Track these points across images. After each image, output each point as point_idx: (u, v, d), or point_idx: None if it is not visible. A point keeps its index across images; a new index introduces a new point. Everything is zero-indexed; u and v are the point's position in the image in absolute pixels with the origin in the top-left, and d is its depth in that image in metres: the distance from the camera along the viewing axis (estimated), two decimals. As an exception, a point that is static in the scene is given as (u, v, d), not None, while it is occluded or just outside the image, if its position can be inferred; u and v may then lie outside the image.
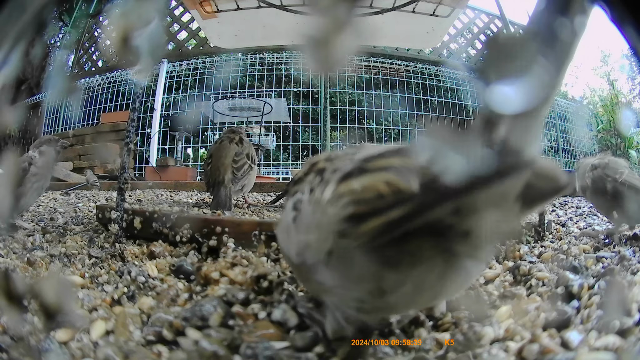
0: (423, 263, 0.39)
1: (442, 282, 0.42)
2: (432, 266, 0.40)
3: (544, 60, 0.34)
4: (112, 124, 5.67)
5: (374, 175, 0.38)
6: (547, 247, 1.07)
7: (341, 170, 0.43)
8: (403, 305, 0.47)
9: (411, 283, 0.40)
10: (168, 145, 5.60)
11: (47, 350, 0.49)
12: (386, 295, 0.42)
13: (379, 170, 0.39)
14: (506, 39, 0.40)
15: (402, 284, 0.40)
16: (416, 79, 6.08)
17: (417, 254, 0.39)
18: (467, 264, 0.41)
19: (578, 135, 6.91)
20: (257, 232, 0.95)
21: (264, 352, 0.48)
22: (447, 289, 0.45)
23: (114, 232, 1.08)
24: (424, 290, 0.42)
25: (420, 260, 0.39)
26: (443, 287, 0.43)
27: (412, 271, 0.40)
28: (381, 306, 0.45)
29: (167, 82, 5.85)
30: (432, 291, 0.43)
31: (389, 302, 0.43)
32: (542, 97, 0.34)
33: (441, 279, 0.41)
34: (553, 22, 0.34)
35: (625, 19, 0.37)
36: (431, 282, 0.41)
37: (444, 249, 0.38)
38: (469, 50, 6.26)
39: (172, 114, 5.76)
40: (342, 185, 0.41)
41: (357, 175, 0.40)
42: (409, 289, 0.41)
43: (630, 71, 9.00)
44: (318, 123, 5.02)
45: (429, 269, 0.40)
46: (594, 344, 0.50)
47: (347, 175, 0.41)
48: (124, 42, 0.54)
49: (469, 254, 0.39)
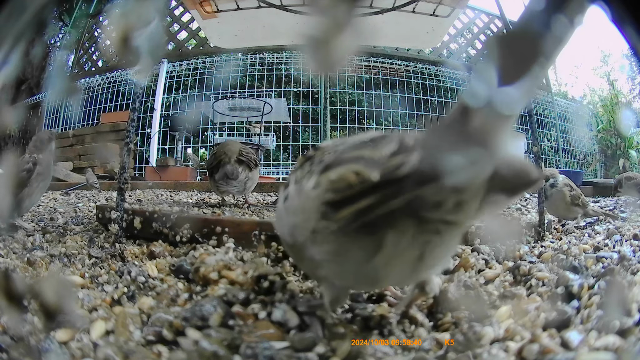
0: (396, 230, 0.42)
1: (419, 249, 0.44)
2: (405, 233, 0.42)
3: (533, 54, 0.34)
4: (112, 124, 5.67)
5: (347, 166, 0.43)
6: (547, 247, 1.07)
7: (324, 162, 0.48)
8: (389, 274, 0.48)
9: (389, 250, 0.43)
10: (168, 145, 5.60)
11: (47, 350, 0.49)
12: (370, 265, 0.45)
13: (351, 161, 0.43)
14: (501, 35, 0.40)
15: (381, 252, 0.44)
16: (416, 79, 6.08)
17: (390, 223, 0.41)
18: (442, 230, 0.43)
19: (578, 135, 6.91)
20: (257, 232, 0.95)
21: (264, 352, 0.48)
22: (427, 258, 0.46)
23: (114, 232, 1.08)
24: (403, 259, 0.45)
25: (393, 228, 0.42)
26: (422, 255, 0.45)
27: (387, 238, 0.42)
28: (368, 276, 0.48)
29: (167, 82, 5.86)
30: (411, 260, 0.45)
31: (374, 271, 0.46)
32: (524, 92, 0.35)
33: (417, 245, 0.43)
34: (547, 17, 0.34)
35: (625, 19, 0.37)
36: (408, 249, 0.44)
37: (417, 219, 0.41)
38: (469, 50, 6.27)
39: (172, 114, 5.77)
40: (323, 175, 0.46)
41: (335, 166, 0.45)
42: (388, 256, 0.44)
43: (630, 71, 9.00)
44: (318, 123, 5.02)
45: (402, 236, 0.42)
46: (594, 344, 0.50)
47: (328, 166, 0.46)
48: (124, 42, 0.54)
49: (441, 220, 0.41)
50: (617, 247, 1.04)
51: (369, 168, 0.40)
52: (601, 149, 6.99)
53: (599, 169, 6.86)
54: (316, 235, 0.47)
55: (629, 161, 6.40)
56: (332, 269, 0.50)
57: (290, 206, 0.53)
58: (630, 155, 6.47)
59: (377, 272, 0.47)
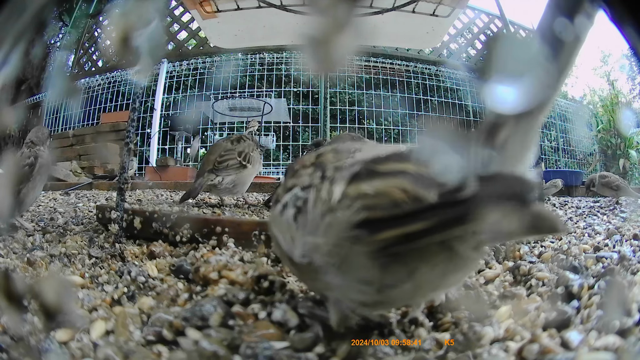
0: (427, 260, 0.40)
1: (443, 276, 0.42)
2: (435, 262, 0.40)
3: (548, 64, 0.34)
4: (112, 124, 5.67)
5: (387, 180, 0.37)
6: (547, 247, 1.06)
7: (348, 170, 0.42)
8: (406, 299, 0.47)
9: (415, 279, 0.41)
10: (168, 145, 5.60)
11: (47, 350, 0.49)
12: (390, 291, 0.42)
13: (392, 175, 0.38)
14: (511, 40, 0.40)
15: (406, 280, 0.41)
16: (416, 79, 6.08)
17: (423, 252, 0.39)
18: (467, 258, 0.42)
19: (578, 135, 6.91)
20: (257, 232, 0.95)
21: (264, 352, 0.48)
22: (448, 282, 0.45)
23: (114, 232, 1.08)
24: (426, 285, 0.43)
25: (426, 258, 0.39)
26: (443, 280, 0.44)
27: (417, 268, 0.40)
28: (384, 300, 0.45)
29: (167, 82, 5.86)
30: (433, 285, 0.44)
31: (393, 296, 0.43)
32: (544, 99, 0.35)
33: (443, 273, 0.42)
34: (560, 25, 0.34)
35: (625, 19, 0.37)
36: (433, 277, 0.42)
37: (448, 247, 0.39)
38: (469, 50, 6.26)
39: (172, 114, 5.76)
40: (351, 186, 0.40)
41: (368, 178, 0.39)
42: (412, 284, 0.41)
43: (630, 71, 9.00)
44: (318, 123, 5.02)
45: (432, 265, 0.40)
46: (594, 344, 0.49)
47: (356, 176, 0.40)
48: (124, 42, 0.54)
49: (471, 250, 0.40)
50: (617, 247, 1.04)
51: (420, 186, 0.35)
52: (601, 149, 6.99)
53: (599, 169, 6.85)
54: (341, 259, 0.41)
55: (629, 161, 6.40)
56: (345, 292, 0.45)
57: (307, 223, 0.45)
58: (630, 155, 6.47)
59: (396, 297, 0.44)
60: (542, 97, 0.36)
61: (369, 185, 0.38)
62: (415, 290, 0.43)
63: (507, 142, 0.36)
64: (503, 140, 0.36)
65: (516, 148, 0.37)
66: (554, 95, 0.37)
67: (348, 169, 0.42)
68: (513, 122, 0.36)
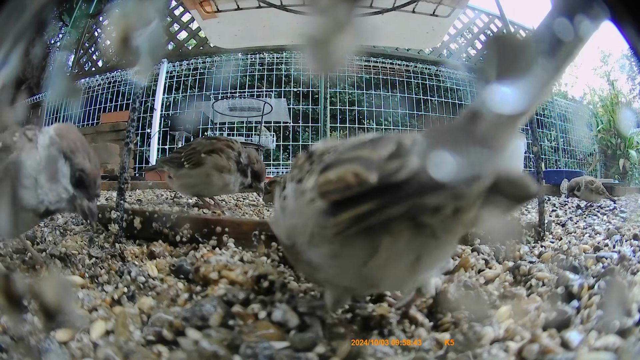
0: (392, 234, 0.41)
1: (415, 252, 0.43)
2: (401, 236, 0.41)
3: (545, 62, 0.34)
4: (112, 124, 5.67)
5: (346, 166, 0.41)
6: (547, 247, 1.07)
7: (324, 161, 0.46)
8: (385, 277, 0.48)
9: (385, 254, 0.43)
10: (168, 145, 5.59)
11: (47, 350, 0.49)
12: (366, 268, 0.44)
13: (350, 161, 0.41)
14: (510, 39, 0.40)
15: (377, 256, 0.43)
16: (416, 79, 6.07)
17: (386, 227, 0.40)
18: (439, 238, 0.42)
19: (578, 135, 6.91)
20: (257, 232, 0.95)
21: (263, 352, 0.48)
22: (424, 264, 0.46)
23: (114, 232, 1.08)
24: (399, 262, 0.44)
25: (390, 231, 0.41)
26: (419, 262, 0.44)
27: (383, 242, 0.42)
28: (365, 279, 0.47)
29: (167, 82, 5.85)
30: (408, 263, 0.45)
31: (371, 274, 0.46)
32: (535, 98, 0.35)
33: (414, 248, 0.43)
34: (562, 25, 0.34)
35: (625, 19, 0.37)
36: (404, 253, 0.43)
37: (413, 223, 0.40)
38: (469, 50, 6.26)
39: (172, 114, 5.76)
40: (322, 175, 0.44)
41: (335, 166, 0.43)
42: (384, 259, 0.43)
43: (630, 71, 8.99)
44: (318, 123, 5.02)
45: (398, 239, 0.42)
46: (594, 344, 0.50)
47: (328, 166, 0.44)
48: (124, 42, 0.54)
49: (441, 231, 0.41)
50: (617, 247, 1.04)
51: (367, 169, 0.38)
52: (601, 149, 6.98)
53: (599, 169, 6.85)
54: (313, 238, 0.46)
55: (629, 161, 6.40)
56: (329, 272, 0.49)
57: (288, 207, 0.51)
58: (630, 155, 6.47)
59: (374, 275, 0.46)
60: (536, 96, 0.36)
61: (333, 172, 0.42)
62: (392, 268, 0.45)
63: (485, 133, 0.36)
64: (482, 131, 0.36)
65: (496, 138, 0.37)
66: (546, 95, 0.37)
67: (325, 161, 0.47)
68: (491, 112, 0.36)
